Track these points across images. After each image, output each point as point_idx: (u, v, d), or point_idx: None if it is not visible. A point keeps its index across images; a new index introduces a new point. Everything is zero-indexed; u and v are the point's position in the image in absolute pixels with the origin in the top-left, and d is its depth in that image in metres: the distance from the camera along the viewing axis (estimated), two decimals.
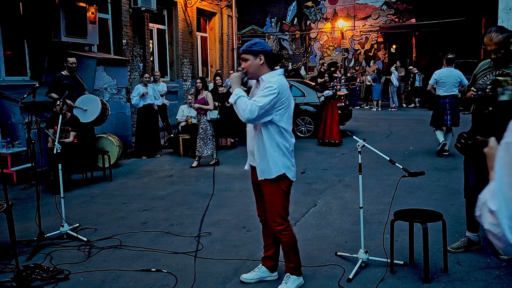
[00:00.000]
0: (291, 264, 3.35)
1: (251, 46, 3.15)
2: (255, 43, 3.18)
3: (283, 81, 3.16)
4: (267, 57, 3.17)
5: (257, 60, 3.14)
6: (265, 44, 3.22)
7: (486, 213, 1.08)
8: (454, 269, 3.64)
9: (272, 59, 3.22)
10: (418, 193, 5.86)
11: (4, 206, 3.84)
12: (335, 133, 9.76)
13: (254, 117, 3.02)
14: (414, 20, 19.97)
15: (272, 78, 3.13)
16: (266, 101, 3.01)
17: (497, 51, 3.54)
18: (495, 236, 1.05)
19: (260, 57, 3.14)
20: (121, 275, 3.73)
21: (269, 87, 3.05)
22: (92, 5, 9.15)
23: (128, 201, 6.00)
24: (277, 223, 3.21)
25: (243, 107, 3.02)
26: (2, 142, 7.16)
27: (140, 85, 9.09)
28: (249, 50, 3.14)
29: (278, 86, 3.06)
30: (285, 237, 3.25)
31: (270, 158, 3.14)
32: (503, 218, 1.02)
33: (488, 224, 1.06)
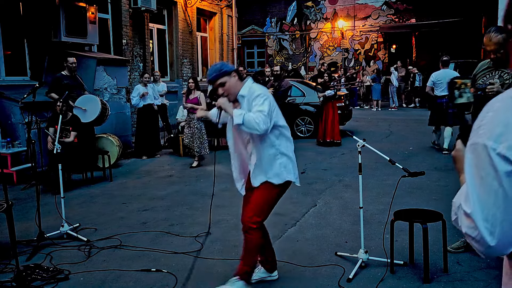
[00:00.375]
0: (245, 267, 3.25)
1: (221, 69, 3.15)
2: (221, 65, 3.20)
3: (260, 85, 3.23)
4: (237, 72, 3.21)
5: (232, 78, 3.15)
6: (226, 64, 3.27)
7: (462, 216, 1.08)
8: (454, 269, 3.64)
9: (239, 73, 3.25)
10: (418, 193, 5.86)
11: (4, 206, 3.84)
12: (336, 132, 9.78)
13: (269, 125, 3.03)
14: (414, 20, 19.97)
15: (252, 88, 3.14)
16: (266, 107, 3.02)
17: (496, 51, 3.54)
18: (474, 239, 1.04)
19: (234, 74, 3.17)
20: (121, 275, 3.73)
21: (258, 96, 3.06)
22: (92, 5, 9.15)
23: (128, 201, 6.00)
24: (253, 221, 3.16)
25: (256, 121, 2.97)
26: (2, 142, 7.16)
27: (140, 85, 9.08)
28: (223, 72, 3.13)
29: (263, 91, 3.11)
30: (252, 236, 3.18)
31: (276, 169, 3.16)
32: (479, 220, 1.02)
33: (466, 228, 1.06)
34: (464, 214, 1.06)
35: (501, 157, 0.99)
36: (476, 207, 1.03)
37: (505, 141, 0.98)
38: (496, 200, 1.00)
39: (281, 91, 8.95)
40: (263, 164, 3.17)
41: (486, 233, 1.01)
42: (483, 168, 1.02)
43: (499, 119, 1.01)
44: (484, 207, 1.02)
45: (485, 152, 1.01)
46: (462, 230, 1.08)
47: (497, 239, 1.01)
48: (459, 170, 1.32)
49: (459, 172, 1.33)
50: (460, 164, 1.31)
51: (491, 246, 1.02)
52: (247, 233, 3.20)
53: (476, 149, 1.04)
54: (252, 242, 3.19)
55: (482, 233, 1.02)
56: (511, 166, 0.98)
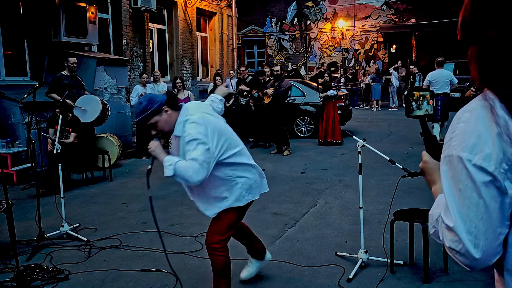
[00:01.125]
0: None
1: (148, 108, 2.77)
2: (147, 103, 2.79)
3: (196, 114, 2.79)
4: (168, 104, 2.82)
5: (164, 115, 2.80)
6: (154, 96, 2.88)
7: (443, 230, 1.06)
8: (454, 269, 3.64)
9: (172, 101, 2.87)
10: (418, 193, 5.86)
11: (4, 206, 3.84)
12: (337, 132, 9.79)
13: (206, 173, 2.68)
14: (414, 20, 19.97)
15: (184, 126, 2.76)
16: (200, 153, 2.65)
17: None
18: (458, 252, 1.02)
19: (165, 109, 2.79)
20: (121, 275, 3.73)
21: (189, 141, 2.69)
22: (92, 5, 9.15)
23: (128, 201, 6.00)
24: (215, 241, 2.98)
25: (189, 173, 2.63)
26: (2, 142, 7.16)
27: (139, 86, 9.08)
28: (152, 111, 2.77)
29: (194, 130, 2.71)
30: (218, 256, 2.98)
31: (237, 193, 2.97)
32: (462, 233, 1.00)
33: (449, 242, 1.03)
34: (446, 228, 1.04)
35: (477, 168, 0.98)
36: (457, 221, 1.01)
37: (479, 152, 0.98)
38: (478, 211, 0.99)
39: (281, 90, 8.96)
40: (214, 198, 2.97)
41: (470, 245, 1.00)
42: (460, 180, 1.01)
43: (471, 130, 1.00)
44: (465, 219, 1.00)
45: (461, 164, 1.00)
46: (445, 244, 1.06)
47: (482, 250, 1.00)
48: (429, 182, 1.32)
49: (429, 184, 1.32)
50: (429, 176, 1.31)
51: (477, 258, 1.00)
52: (211, 255, 3.01)
53: (450, 161, 1.03)
54: (218, 264, 3.00)
55: (467, 246, 1.00)
56: (488, 176, 0.97)
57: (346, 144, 9.74)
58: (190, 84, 13.68)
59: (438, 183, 1.26)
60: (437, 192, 1.24)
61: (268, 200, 5.80)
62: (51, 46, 8.65)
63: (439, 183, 1.26)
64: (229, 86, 10.60)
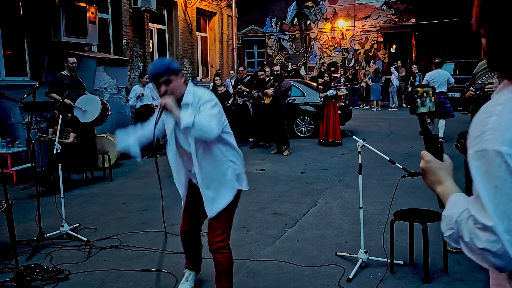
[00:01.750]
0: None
1: (169, 65, 2.83)
2: (169, 62, 2.88)
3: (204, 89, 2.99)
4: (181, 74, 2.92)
5: (180, 79, 2.85)
6: (173, 61, 2.96)
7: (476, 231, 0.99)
8: (454, 269, 3.64)
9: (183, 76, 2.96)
10: (418, 193, 5.86)
11: (4, 206, 3.84)
12: (338, 132, 9.80)
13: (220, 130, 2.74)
14: (414, 20, 19.97)
15: (196, 93, 2.85)
16: (216, 110, 2.74)
17: None
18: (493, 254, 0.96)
19: (181, 75, 2.88)
20: (121, 275, 3.73)
21: (206, 101, 2.77)
22: (92, 5, 9.15)
23: (128, 201, 6.00)
24: (220, 239, 2.98)
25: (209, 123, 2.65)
26: (2, 142, 7.16)
27: (137, 86, 9.08)
28: (173, 70, 2.82)
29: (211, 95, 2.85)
30: (223, 255, 2.99)
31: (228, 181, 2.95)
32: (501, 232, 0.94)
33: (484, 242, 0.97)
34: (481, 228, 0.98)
35: None
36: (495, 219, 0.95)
37: None
38: None
39: (282, 90, 8.96)
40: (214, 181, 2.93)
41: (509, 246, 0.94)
42: (497, 176, 0.95)
43: (507, 123, 0.96)
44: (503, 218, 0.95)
45: (499, 159, 0.95)
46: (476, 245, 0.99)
47: None
48: (433, 183, 1.27)
49: (432, 184, 1.27)
50: (432, 176, 1.27)
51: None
52: (216, 254, 3.00)
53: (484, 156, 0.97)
54: (224, 263, 3.01)
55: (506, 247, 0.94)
56: None
57: (346, 144, 9.73)
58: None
59: (446, 183, 1.22)
60: (448, 192, 1.19)
61: (268, 200, 5.80)
62: (51, 46, 8.65)
63: (446, 182, 1.23)
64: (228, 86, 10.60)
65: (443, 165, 1.29)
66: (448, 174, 1.26)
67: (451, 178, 1.25)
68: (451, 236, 1.08)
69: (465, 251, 1.04)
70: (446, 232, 1.09)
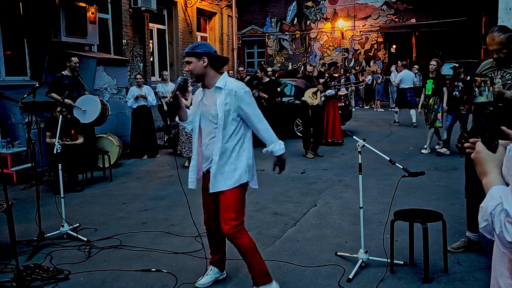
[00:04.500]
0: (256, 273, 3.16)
1: (194, 48, 3.12)
2: (198, 45, 3.14)
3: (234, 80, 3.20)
4: (210, 59, 3.12)
5: (200, 62, 3.09)
6: (209, 46, 3.18)
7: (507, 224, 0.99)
8: (454, 269, 3.64)
9: (216, 61, 3.17)
10: (418, 193, 5.86)
11: (4, 206, 3.84)
12: (338, 132, 9.79)
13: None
14: (414, 20, 19.97)
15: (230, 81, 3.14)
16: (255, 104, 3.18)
17: (499, 51, 3.53)
18: None
19: (204, 59, 3.09)
20: (121, 275, 3.73)
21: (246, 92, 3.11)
22: (92, 5, 9.15)
23: (128, 201, 6.00)
24: (233, 225, 3.07)
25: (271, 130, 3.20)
26: (2, 142, 7.16)
27: (134, 87, 9.09)
28: (192, 52, 3.10)
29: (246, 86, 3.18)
30: (241, 239, 3.10)
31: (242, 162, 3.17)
32: None
33: None
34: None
35: None
36: None
37: None
38: None
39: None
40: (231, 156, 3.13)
41: None
42: None
43: None
44: None
45: None
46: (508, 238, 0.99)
47: None
48: (480, 173, 1.27)
49: (479, 175, 1.27)
50: (480, 167, 1.26)
51: None
52: (235, 240, 3.10)
53: None
54: (244, 245, 3.11)
55: None
56: None
57: (346, 144, 9.74)
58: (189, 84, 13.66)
59: (491, 175, 1.22)
60: (490, 184, 1.19)
61: (268, 200, 5.80)
62: (51, 46, 8.65)
63: (491, 174, 1.22)
64: None
65: (492, 157, 1.27)
66: (495, 166, 1.25)
67: (498, 171, 1.24)
68: (485, 228, 1.08)
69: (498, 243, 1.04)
70: (481, 223, 1.10)
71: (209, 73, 3.13)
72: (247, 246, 3.12)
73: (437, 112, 8.40)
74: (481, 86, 3.46)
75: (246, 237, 3.13)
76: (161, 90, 10.00)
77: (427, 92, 8.52)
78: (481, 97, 3.42)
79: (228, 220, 3.07)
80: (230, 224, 3.06)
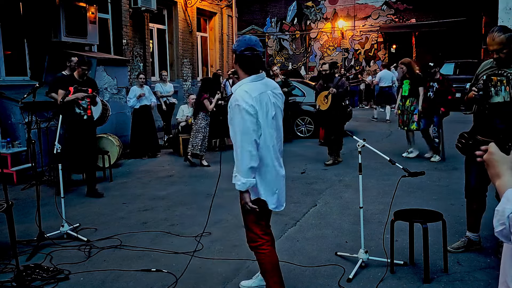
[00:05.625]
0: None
1: (235, 44, 2.84)
2: (238, 39, 2.85)
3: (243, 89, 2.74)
4: (238, 58, 2.79)
5: (234, 60, 2.83)
6: (242, 42, 2.80)
7: None
8: (454, 269, 3.64)
9: (244, 62, 2.79)
10: (418, 193, 5.86)
11: (4, 206, 3.84)
12: None
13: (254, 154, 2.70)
14: (414, 20, 19.97)
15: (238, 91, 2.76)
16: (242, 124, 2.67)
17: (499, 51, 3.52)
18: None
19: (234, 57, 2.80)
20: (121, 275, 3.73)
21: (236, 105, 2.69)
22: (92, 5, 9.15)
23: (128, 201, 6.00)
24: (251, 240, 2.99)
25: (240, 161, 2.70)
26: (2, 142, 7.16)
27: (135, 87, 9.09)
28: (233, 49, 2.84)
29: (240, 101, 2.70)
30: (258, 256, 2.96)
31: None
32: None
33: None
34: None
35: None
36: None
37: None
38: None
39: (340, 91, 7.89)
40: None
41: None
42: None
43: None
44: None
45: None
46: None
47: None
48: (493, 176, 1.23)
49: (492, 178, 1.23)
50: (493, 169, 1.23)
51: None
52: (255, 254, 3.00)
53: None
54: (261, 262, 2.96)
55: None
56: None
57: (346, 144, 9.72)
58: (190, 84, 13.68)
59: (505, 177, 1.19)
60: (505, 186, 1.15)
61: None
62: (51, 46, 8.65)
63: (505, 176, 1.19)
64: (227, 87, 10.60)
65: (506, 159, 1.23)
66: (509, 168, 1.21)
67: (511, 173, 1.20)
68: (501, 232, 1.05)
69: None
70: (497, 227, 1.06)
71: (239, 72, 2.86)
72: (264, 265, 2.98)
73: (413, 114, 7.99)
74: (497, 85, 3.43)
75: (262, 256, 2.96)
76: (159, 90, 10.01)
77: (403, 93, 8.10)
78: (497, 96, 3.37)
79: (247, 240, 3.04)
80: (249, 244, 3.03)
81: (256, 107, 2.70)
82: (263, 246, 2.93)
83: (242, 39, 2.82)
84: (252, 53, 2.76)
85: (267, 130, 2.79)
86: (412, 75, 8.04)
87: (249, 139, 2.67)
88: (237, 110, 2.68)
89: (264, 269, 2.96)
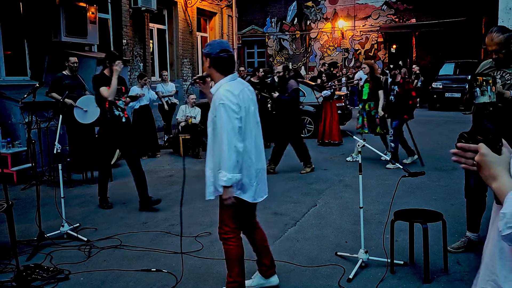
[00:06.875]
0: (229, 279, 3.11)
1: (205, 47, 3.00)
2: (207, 45, 3.00)
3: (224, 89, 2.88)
4: (214, 61, 2.93)
5: (206, 63, 2.98)
6: (214, 46, 2.96)
7: None
8: (454, 269, 3.64)
9: (220, 63, 2.94)
10: (418, 193, 5.86)
11: (4, 206, 3.84)
12: (334, 133, 9.78)
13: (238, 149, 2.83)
14: (414, 20, 19.96)
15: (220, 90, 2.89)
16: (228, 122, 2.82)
17: (498, 51, 3.53)
18: None
19: (207, 60, 2.95)
20: (121, 275, 3.73)
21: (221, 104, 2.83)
22: (92, 5, 9.16)
23: (128, 201, 5.99)
24: (223, 232, 3.12)
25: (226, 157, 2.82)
26: (2, 142, 7.16)
27: (135, 87, 9.08)
28: (203, 53, 3.00)
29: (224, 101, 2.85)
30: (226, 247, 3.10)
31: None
32: None
33: None
34: None
35: None
36: None
37: None
38: None
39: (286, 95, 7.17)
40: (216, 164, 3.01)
41: None
42: None
43: None
44: None
45: None
46: None
47: None
48: (487, 178, 1.20)
49: (486, 180, 1.21)
50: (487, 171, 1.20)
51: None
52: (223, 244, 3.14)
53: None
54: (228, 253, 3.10)
55: None
56: None
57: (346, 144, 9.74)
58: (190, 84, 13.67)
59: (502, 178, 1.16)
60: (505, 188, 1.13)
61: (268, 200, 5.79)
62: (51, 46, 8.65)
63: (502, 178, 1.16)
64: None
65: (500, 159, 1.20)
66: (504, 169, 1.18)
67: (508, 174, 1.18)
68: (508, 235, 1.03)
69: None
70: (504, 231, 1.04)
71: (214, 75, 3.00)
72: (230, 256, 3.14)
73: (376, 118, 7.69)
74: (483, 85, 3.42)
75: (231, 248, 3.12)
76: (161, 90, 10.01)
77: (363, 97, 7.86)
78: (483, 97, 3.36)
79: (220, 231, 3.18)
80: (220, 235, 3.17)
81: (240, 105, 2.88)
82: (234, 239, 3.09)
83: (215, 43, 3.02)
84: (228, 54, 2.96)
85: (248, 125, 2.96)
86: (372, 78, 7.82)
87: (236, 135, 2.83)
88: (222, 109, 2.83)
89: (229, 259, 3.10)
